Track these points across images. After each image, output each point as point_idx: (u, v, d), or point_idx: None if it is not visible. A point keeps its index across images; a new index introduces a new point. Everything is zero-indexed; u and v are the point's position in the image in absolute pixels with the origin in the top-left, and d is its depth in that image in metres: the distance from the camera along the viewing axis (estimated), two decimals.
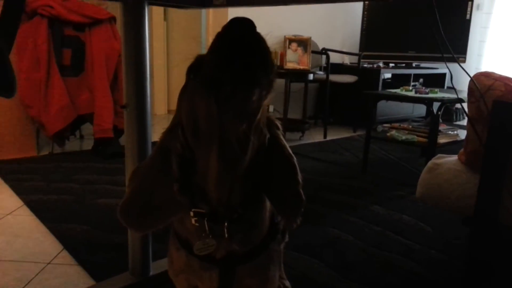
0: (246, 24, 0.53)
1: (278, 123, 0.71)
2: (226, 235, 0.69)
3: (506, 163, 1.06)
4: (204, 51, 0.58)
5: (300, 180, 0.70)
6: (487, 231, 1.13)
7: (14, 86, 0.95)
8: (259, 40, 0.53)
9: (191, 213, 0.69)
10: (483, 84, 1.14)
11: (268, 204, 0.74)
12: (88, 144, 3.18)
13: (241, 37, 0.52)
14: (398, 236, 1.79)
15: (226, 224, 0.68)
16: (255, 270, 0.77)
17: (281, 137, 0.70)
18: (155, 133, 1.21)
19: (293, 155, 0.70)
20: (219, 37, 0.53)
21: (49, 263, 1.47)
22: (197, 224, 0.70)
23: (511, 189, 1.10)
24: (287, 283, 1.32)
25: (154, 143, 0.94)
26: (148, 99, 1.16)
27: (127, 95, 1.14)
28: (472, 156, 1.23)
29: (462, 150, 1.30)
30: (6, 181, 2.27)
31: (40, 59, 2.43)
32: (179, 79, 4.84)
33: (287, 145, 0.71)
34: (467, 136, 1.24)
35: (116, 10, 2.69)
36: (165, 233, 1.00)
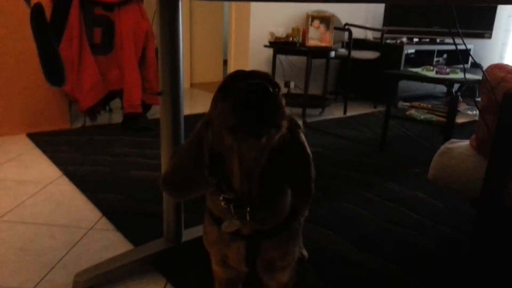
0: (261, 86, 0.65)
1: (299, 123, 0.82)
2: (248, 218, 0.82)
3: None
4: (226, 33, 0.68)
5: (313, 176, 0.82)
6: (493, 213, 1.22)
7: (64, 77, 1.08)
8: (273, 96, 0.66)
9: (221, 198, 0.82)
10: (496, 76, 1.20)
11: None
12: (116, 118, 3.34)
13: (255, 99, 0.65)
14: (411, 212, 1.90)
15: (248, 209, 0.81)
16: (277, 245, 0.89)
17: (301, 135, 0.81)
18: None
19: (309, 152, 0.81)
20: (239, 95, 0.66)
21: (91, 229, 1.64)
22: (225, 207, 0.82)
23: None
24: (305, 252, 1.46)
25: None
26: (182, 86, 1.27)
27: (162, 83, 1.25)
28: (482, 143, 1.30)
29: (473, 136, 1.38)
30: (45, 152, 2.45)
31: (72, 37, 2.55)
32: (200, 55, 4.95)
33: (306, 143, 0.81)
34: (478, 124, 1.31)
35: None
36: (194, 205, 1.13)
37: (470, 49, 4.69)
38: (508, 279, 1.40)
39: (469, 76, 2.63)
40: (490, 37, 4.23)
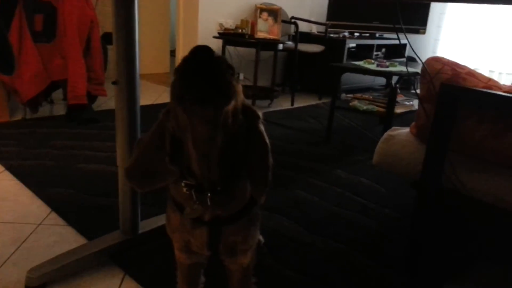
0: (206, 51, 0.67)
1: (258, 113, 0.84)
2: (209, 203, 0.84)
3: (448, 137, 1.27)
4: (173, 23, 0.68)
5: (270, 165, 0.84)
6: (431, 191, 1.35)
7: (14, 65, 1.04)
8: (216, 64, 0.68)
9: (183, 184, 0.84)
10: (434, 68, 1.32)
11: None
12: (58, 109, 3.19)
13: (200, 63, 0.67)
14: (357, 196, 2.02)
15: (209, 194, 0.83)
16: (238, 229, 0.92)
17: (259, 125, 0.83)
18: None
19: (268, 142, 0.83)
20: (184, 61, 0.68)
21: (40, 224, 1.58)
22: (187, 193, 0.85)
23: (450, 158, 1.31)
24: (261, 237, 1.52)
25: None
26: (137, 75, 1.26)
27: (118, 72, 1.23)
28: (421, 130, 1.43)
29: (413, 123, 1.50)
30: None
31: (12, 24, 2.39)
32: (147, 46, 4.82)
33: (264, 132, 0.83)
34: (417, 112, 1.43)
35: None
36: (150, 196, 1.13)
37: (406, 45, 5.00)
38: (444, 251, 1.55)
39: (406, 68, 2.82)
40: (424, 32, 4.54)
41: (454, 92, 1.25)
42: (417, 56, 1.42)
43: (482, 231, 1.41)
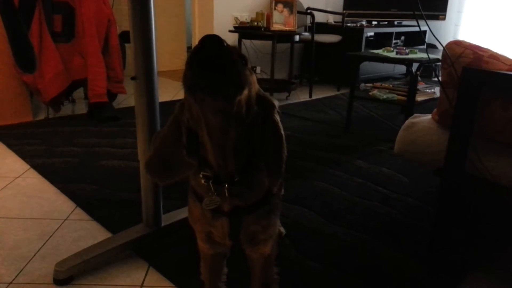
0: (215, 40, 0.66)
1: (274, 102, 0.83)
2: (227, 194, 0.84)
3: (472, 122, 1.23)
4: (189, 19, 0.66)
5: (284, 156, 0.83)
6: (454, 178, 1.32)
7: (35, 63, 1.06)
8: (225, 53, 0.66)
9: (201, 175, 0.85)
10: (455, 52, 1.29)
11: None
12: (80, 108, 3.26)
13: (209, 52, 0.66)
14: (378, 186, 2.00)
15: (226, 185, 0.84)
16: (258, 218, 0.92)
17: (274, 115, 0.82)
18: None
19: (282, 132, 0.83)
20: (194, 51, 0.67)
21: (66, 220, 1.62)
22: (205, 184, 0.85)
23: (475, 144, 1.28)
24: (282, 229, 1.52)
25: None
26: (155, 71, 1.27)
27: (136, 68, 1.25)
28: (443, 116, 1.40)
29: (435, 110, 1.47)
30: (9, 146, 2.37)
31: (32, 24, 2.45)
32: (163, 42, 4.85)
33: (279, 122, 0.82)
34: (439, 98, 1.40)
35: None
36: (172, 190, 1.13)
37: (426, 31, 4.88)
38: (468, 237, 1.52)
39: (426, 55, 2.75)
40: (444, 18, 4.42)
41: (477, 76, 1.21)
42: (438, 40, 1.38)
43: (509, 218, 1.37)
